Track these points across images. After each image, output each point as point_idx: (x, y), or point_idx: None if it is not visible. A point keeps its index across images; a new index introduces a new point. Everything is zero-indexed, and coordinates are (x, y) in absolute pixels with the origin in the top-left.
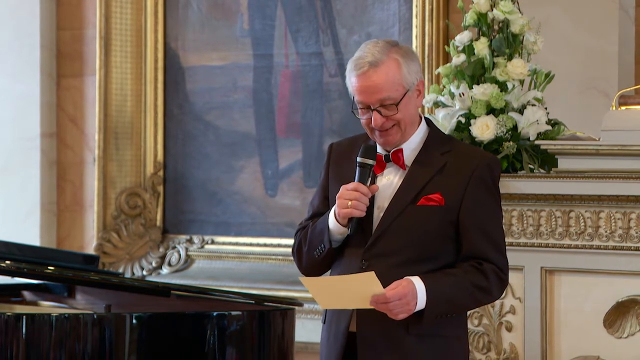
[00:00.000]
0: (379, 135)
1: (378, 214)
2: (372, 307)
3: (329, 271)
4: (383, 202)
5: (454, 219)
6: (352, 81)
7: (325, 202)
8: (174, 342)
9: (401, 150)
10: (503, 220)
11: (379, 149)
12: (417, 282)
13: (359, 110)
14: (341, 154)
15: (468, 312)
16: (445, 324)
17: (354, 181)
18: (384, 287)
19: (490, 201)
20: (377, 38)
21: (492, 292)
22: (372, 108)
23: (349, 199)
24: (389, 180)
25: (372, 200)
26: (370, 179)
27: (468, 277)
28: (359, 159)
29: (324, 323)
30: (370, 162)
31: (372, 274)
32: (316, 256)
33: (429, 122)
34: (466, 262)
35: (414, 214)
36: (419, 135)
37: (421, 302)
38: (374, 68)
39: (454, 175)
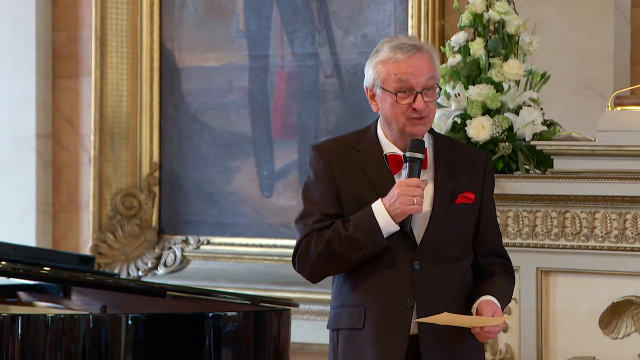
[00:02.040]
0: (416, 122)
1: (417, 214)
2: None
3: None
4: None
5: (477, 215)
6: (393, 66)
7: (336, 203)
8: (169, 342)
9: (426, 149)
10: (499, 221)
11: (395, 149)
12: (497, 302)
13: (399, 96)
14: (336, 155)
15: None
16: None
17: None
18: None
19: (493, 195)
20: (373, 39)
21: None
22: (416, 91)
23: (413, 195)
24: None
25: None
26: (420, 172)
27: (509, 283)
28: (408, 154)
29: (361, 328)
30: (420, 155)
31: (496, 319)
32: (357, 257)
33: None
34: (498, 265)
35: (456, 213)
36: (427, 134)
37: None
38: (420, 51)
39: (470, 171)
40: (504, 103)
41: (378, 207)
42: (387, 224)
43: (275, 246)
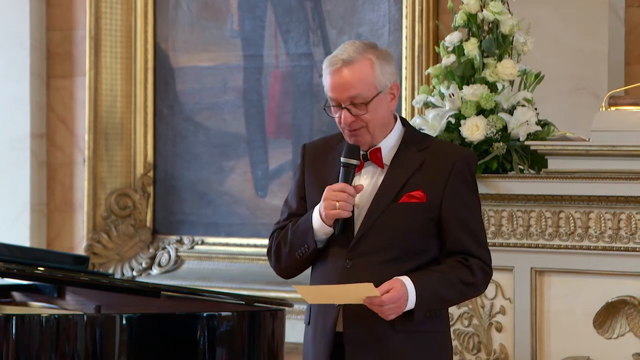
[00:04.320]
0: (349, 134)
1: (359, 213)
2: (362, 303)
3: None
4: (363, 201)
5: (436, 215)
6: (326, 79)
7: (302, 202)
8: (164, 342)
9: (379, 149)
10: (493, 221)
11: None
12: (408, 283)
13: (332, 108)
14: (316, 154)
15: (458, 312)
16: (430, 319)
17: (334, 181)
18: (369, 283)
19: (470, 195)
20: (367, 39)
21: (478, 286)
22: (342, 106)
23: (336, 200)
24: (368, 180)
25: None
26: (353, 178)
27: (455, 273)
28: (343, 159)
29: (308, 324)
30: (354, 162)
31: (371, 285)
32: (298, 257)
33: (404, 122)
34: (451, 258)
35: (396, 212)
36: (395, 134)
37: (411, 302)
38: (347, 66)
39: (434, 171)
40: (498, 103)
41: (315, 211)
42: (319, 227)
43: (270, 247)
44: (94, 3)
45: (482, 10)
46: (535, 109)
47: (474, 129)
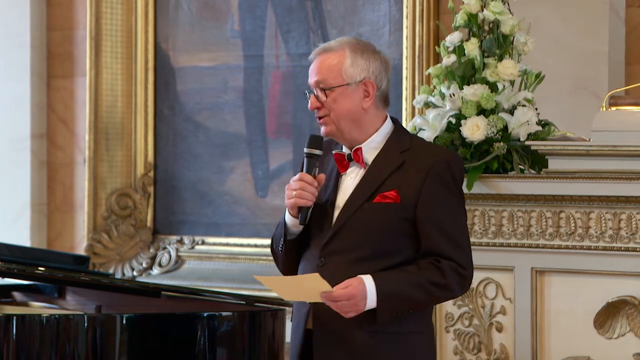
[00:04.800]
0: (319, 122)
1: (337, 212)
2: (322, 301)
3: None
4: (343, 200)
5: (410, 216)
6: None
7: None
8: (164, 342)
9: (360, 149)
10: (494, 221)
11: (344, 149)
12: (368, 281)
13: (308, 94)
14: (325, 150)
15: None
16: (400, 320)
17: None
18: (338, 283)
19: (447, 197)
20: (368, 39)
21: (451, 288)
22: (311, 91)
23: (294, 189)
24: (351, 179)
25: (333, 198)
26: (316, 168)
27: (424, 274)
28: (305, 150)
29: (292, 322)
30: (317, 152)
31: (317, 275)
32: (280, 251)
33: (396, 123)
34: (424, 260)
35: (370, 211)
36: (381, 134)
37: (372, 301)
38: (321, 54)
39: (412, 172)
40: (498, 103)
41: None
42: (288, 219)
43: (270, 246)
44: (95, 3)
45: (482, 10)
46: (536, 109)
47: (475, 129)
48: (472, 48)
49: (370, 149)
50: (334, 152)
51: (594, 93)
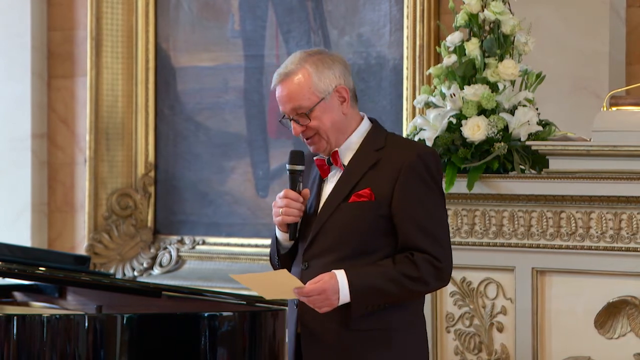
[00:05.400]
0: (307, 143)
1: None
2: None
3: None
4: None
5: (386, 213)
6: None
7: None
8: (165, 342)
9: (337, 152)
10: (494, 221)
11: (320, 155)
12: (340, 275)
13: (284, 121)
14: (308, 162)
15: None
16: (384, 317)
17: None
18: (282, 270)
19: (422, 191)
20: (368, 39)
21: (426, 281)
22: (290, 118)
23: (280, 206)
24: (332, 183)
25: (317, 204)
26: (300, 183)
27: (397, 267)
28: (288, 166)
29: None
30: (299, 167)
31: (285, 270)
32: (276, 264)
33: (373, 122)
34: (399, 254)
35: (345, 212)
36: (357, 135)
37: (345, 296)
38: (285, 79)
39: (386, 169)
40: (499, 103)
41: None
42: (279, 235)
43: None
44: (95, 3)
45: (483, 10)
46: (537, 109)
47: (475, 129)
48: (472, 48)
49: (347, 150)
50: (315, 158)
51: (594, 93)
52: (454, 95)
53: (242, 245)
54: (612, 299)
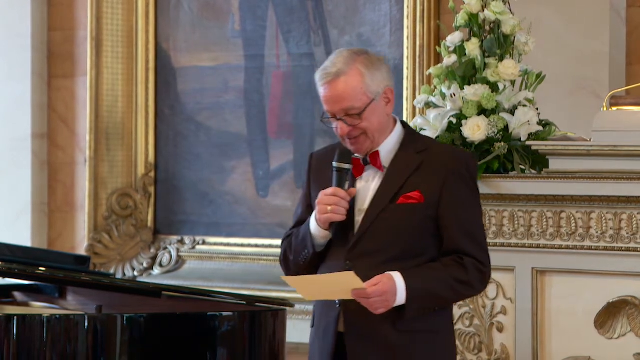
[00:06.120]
0: (349, 143)
1: (359, 216)
2: (353, 297)
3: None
4: (363, 204)
5: (434, 215)
6: (319, 91)
7: (309, 210)
8: (165, 342)
9: (377, 152)
10: (494, 221)
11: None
12: (398, 278)
13: (327, 120)
14: (321, 161)
15: (459, 312)
16: (430, 319)
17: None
18: (350, 271)
19: (467, 196)
20: (369, 39)
21: (473, 285)
22: (337, 117)
23: (328, 204)
24: (368, 183)
25: (352, 202)
26: (348, 182)
27: (448, 271)
28: (334, 164)
29: (312, 326)
30: (346, 166)
31: (352, 273)
32: (301, 262)
33: (404, 124)
34: (447, 257)
35: (394, 213)
36: (394, 137)
37: (401, 298)
38: (336, 79)
39: (431, 172)
40: (499, 103)
41: (313, 216)
42: (317, 232)
43: (270, 246)
44: (95, 3)
45: (483, 10)
46: (537, 109)
47: (476, 129)
48: (472, 48)
49: (387, 151)
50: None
51: (594, 93)
52: (454, 95)
53: (242, 245)
54: (612, 299)
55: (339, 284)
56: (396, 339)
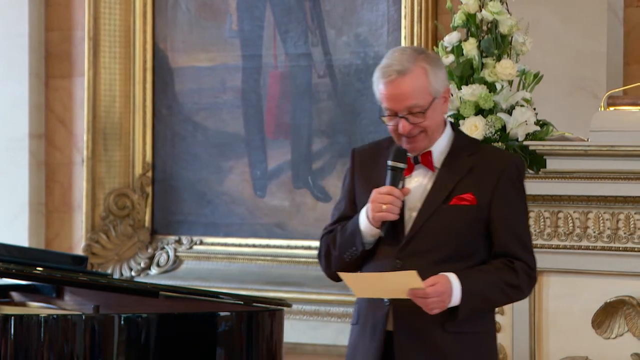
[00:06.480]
0: (407, 141)
1: (410, 215)
2: (408, 297)
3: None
4: (414, 203)
5: (486, 217)
6: (379, 88)
7: (352, 206)
8: (162, 342)
9: (430, 152)
10: None
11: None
12: (454, 279)
13: (386, 117)
14: (365, 158)
15: None
16: (477, 320)
17: (384, 184)
18: (412, 270)
19: (518, 200)
20: (366, 39)
21: (522, 289)
22: (399, 115)
23: (383, 202)
24: (419, 182)
25: (402, 201)
26: (402, 182)
27: (500, 274)
28: (390, 163)
29: (355, 324)
30: (402, 165)
31: (414, 272)
32: (347, 259)
33: (453, 126)
34: (498, 260)
35: (447, 213)
36: (445, 138)
37: (456, 299)
38: (401, 76)
39: (483, 175)
40: (496, 103)
41: (363, 213)
42: (367, 229)
43: (268, 246)
44: (93, 3)
45: (481, 10)
46: (534, 109)
47: (473, 129)
48: (470, 48)
49: (438, 152)
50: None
51: (592, 93)
52: (452, 95)
53: (239, 245)
54: (609, 299)
55: (398, 283)
56: (444, 339)
